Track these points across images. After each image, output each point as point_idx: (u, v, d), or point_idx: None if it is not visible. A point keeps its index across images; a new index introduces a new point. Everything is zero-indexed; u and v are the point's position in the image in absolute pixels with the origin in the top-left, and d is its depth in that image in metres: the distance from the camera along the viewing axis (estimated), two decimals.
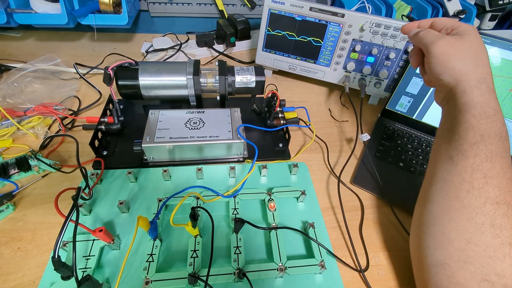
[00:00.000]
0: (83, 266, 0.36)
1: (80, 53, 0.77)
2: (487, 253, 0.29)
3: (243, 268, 0.36)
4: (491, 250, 0.29)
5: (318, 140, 0.58)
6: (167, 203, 0.42)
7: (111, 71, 0.49)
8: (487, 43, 0.51)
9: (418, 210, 0.37)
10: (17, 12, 0.66)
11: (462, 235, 0.30)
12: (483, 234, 0.29)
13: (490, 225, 0.29)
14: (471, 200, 0.30)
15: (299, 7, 0.61)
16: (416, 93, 0.59)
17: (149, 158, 0.48)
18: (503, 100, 0.52)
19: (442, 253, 0.32)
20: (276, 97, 0.55)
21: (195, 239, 0.39)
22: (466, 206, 0.31)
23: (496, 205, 0.30)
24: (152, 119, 0.49)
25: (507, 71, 0.51)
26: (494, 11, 0.83)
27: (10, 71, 0.63)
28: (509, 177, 0.31)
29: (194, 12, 0.86)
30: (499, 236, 0.29)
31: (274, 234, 0.40)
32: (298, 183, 0.48)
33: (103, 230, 0.35)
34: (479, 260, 0.29)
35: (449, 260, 0.31)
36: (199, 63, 0.55)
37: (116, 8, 0.70)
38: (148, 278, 0.35)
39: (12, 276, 0.36)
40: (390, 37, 0.59)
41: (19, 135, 0.52)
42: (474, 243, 0.30)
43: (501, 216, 0.29)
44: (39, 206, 0.43)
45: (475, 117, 0.32)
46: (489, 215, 0.30)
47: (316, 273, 0.38)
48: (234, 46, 0.81)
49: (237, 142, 0.47)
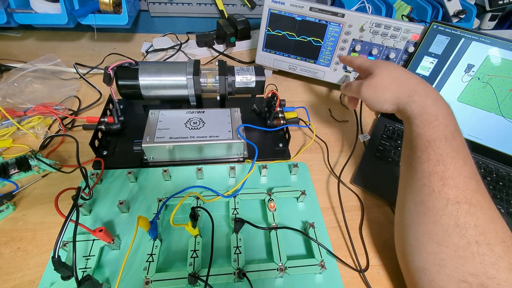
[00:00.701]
0: (83, 266, 0.36)
1: (80, 53, 0.77)
2: (458, 254, 0.30)
3: (243, 268, 0.36)
4: (460, 251, 0.30)
5: (318, 140, 0.58)
6: (167, 203, 0.42)
7: (111, 71, 0.49)
8: (487, 43, 0.51)
9: (397, 217, 0.38)
10: (17, 12, 0.66)
11: (433, 239, 0.31)
12: (450, 236, 0.30)
13: (455, 225, 0.30)
14: (434, 203, 0.32)
15: (299, 7, 0.61)
16: None
17: (149, 158, 0.48)
18: (503, 100, 0.52)
19: (420, 259, 0.33)
20: (276, 97, 0.55)
21: (195, 239, 0.39)
22: (430, 209, 0.32)
23: (457, 204, 0.31)
24: (152, 119, 0.49)
25: (507, 71, 0.51)
26: (494, 11, 0.83)
27: (10, 71, 0.63)
28: (465, 175, 0.32)
29: (194, 12, 0.86)
30: (465, 235, 0.30)
31: (274, 234, 0.40)
32: (298, 183, 0.48)
33: (103, 230, 0.35)
34: (452, 262, 0.30)
35: (427, 265, 0.32)
36: (199, 63, 0.55)
37: (116, 8, 0.70)
38: (148, 278, 0.35)
39: (12, 276, 0.36)
40: (390, 37, 0.59)
41: (19, 135, 0.52)
42: (444, 245, 0.31)
43: (463, 215, 0.30)
44: (39, 206, 0.43)
45: (419, 126, 0.35)
46: (452, 216, 0.30)
47: (316, 273, 0.38)
48: (234, 46, 0.81)
49: (237, 142, 0.47)
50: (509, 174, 0.54)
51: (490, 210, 0.31)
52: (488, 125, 0.54)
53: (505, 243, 0.29)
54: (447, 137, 0.33)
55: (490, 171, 0.54)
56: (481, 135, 0.55)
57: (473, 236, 0.29)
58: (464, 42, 0.53)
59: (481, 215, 0.30)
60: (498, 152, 0.54)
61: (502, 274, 0.28)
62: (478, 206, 0.31)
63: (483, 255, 0.29)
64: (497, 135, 0.54)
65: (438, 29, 0.54)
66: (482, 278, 0.28)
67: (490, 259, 0.29)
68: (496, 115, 0.53)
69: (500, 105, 0.52)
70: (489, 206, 0.31)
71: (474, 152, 0.56)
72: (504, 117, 0.53)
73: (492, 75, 0.52)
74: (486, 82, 0.52)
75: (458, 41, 0.53)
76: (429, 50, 0.56)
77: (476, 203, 0.31)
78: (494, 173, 0.53)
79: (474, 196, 0.31)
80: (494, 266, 0.28)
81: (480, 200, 0.31)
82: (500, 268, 0.28)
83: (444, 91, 0.56)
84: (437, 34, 0.54)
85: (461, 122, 0.55)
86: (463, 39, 0.53)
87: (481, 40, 0.51)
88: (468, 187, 0.31)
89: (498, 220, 0.31)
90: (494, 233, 0.30)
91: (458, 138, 0.33)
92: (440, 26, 0.54)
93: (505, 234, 0.30)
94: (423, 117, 0.35)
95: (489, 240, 0.29)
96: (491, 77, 0.52)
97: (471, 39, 0.52)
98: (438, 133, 0.33)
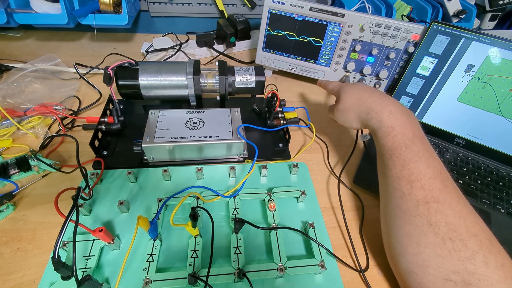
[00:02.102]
0: (83, 266, 0.36)
1: (80, 53, 0.77)
2: (436, 253, 0.31)
3: (243, 268, 0.36)
4: (438, 249, 0.31)
5: (318, 140, 0.58)
6: (167, 203, 0.42)
7: (111, 71, 0.49)
8: (487, 43, 0.51)
9: (381, 222, 0.39)
10: (17, 12, 0.66)
11: (412, 240, 0.33)
12: (426, 235, 0.32)
13: (428, 224, 0.32)
14: (407, 205, 0.34)
15: (299, 7, 0.61)
16: (416, 93, 0.59)
17: (149, 158, 0.48)
18: (503, 100, 0.52)
19: (405, 261, 0.33)
20: (276, 97, 0.55)
21: (195, 239, 0.39)
22: (405, 211, 0.34)
23: (427, 204, 0.32)
24: (152, 119, 0.49)
25: (507, 71, 0.51)
26: (494, 11, 0.83)
27: (10, 71, 0.63)
28: (429, 177, 0.34)
29: (194, 12, 0.86)
30: (439, 233, 0.31)
31: (274, 234, 0.40)
32: (298, 183, 0.48)
33: (103, 230, 0.35)
34: (434, 261, 0.31)
35: (412, 267, 0.32)
36: (199, 63, 0.55)
37: (116, 8, 0.70)
38: (148, 278, 0.35)
39: (12, 276, 0.36)
40: (390, 37, 0.59)
41: (19, 135, 0.52)
42: (422, 245, 0.32)
43: (434, 213, 0.32)
44: (39, 206, 0.43)
45: (381, 138, 0.38)
46: (424, 215, 0.32)
47: (316, 273, 0.38)
48: (234, 46, 0.81)
49: (237, 142, 0.47)
50: (509, 174, 0.54)
51: (458, 206, 0.32)
52: (488, 125, 0.54)
53: (477, 237, 0.30)
54: (407, 144, 0.36)
55: (490, 171, 0.54)
56: (481, 135, 0.55)
57: (446, 234, 0.31)
58: (464, 42, 0.53)
59: (450, 212, 0.32)
60: (498, 152, 0.54)
61: (480, 269, 0.29)
62: (446, 203, 0.32)
63: (459, 251, 0.30)
64: (497, 135, 0.54)
65: (438, 29, 0.54)
66: (463, 275, 0.29)
67: (466, 254, 0.29)
68: (496, 115, 0.53)
69: (500, 105, 0.52)
70: (457, 202, 0.32)
71: (474, 152, 0.56)
72: (504, 117, 0.53)
73: (492, 75, 0.52)
74: (486, 82, 0.52)
75: (458, 41, 0.53)
76: (429, 50, 0.56)
77: (444, 201, 0.32)
78: (494, 173, 0.53)
79: (441, 194, 0.33)
80: (471, 261, 0.29)
81: (447, 198, 0.32)
82: (477, 263, 0.29)
83: (444, 91, 0.56)
84: (437, 34, 0.54)
85: (461, 122, 0.56)
86: (463, 39, 0.53)
87: (481, 40, 0.51)
88: (433, 187, 0.33)
89: (468, 215, 0.32)
90: (465, 228, 0.31)
91: (417, 143, 0.36)
92: (440, 26, 0.54)
93: (476, 228, 0.31)
94: (382, 129, 0.38)
95: (461, 235, 0.30)
96: (491, 77, 0.52)
97: (471, 39, 0.52)
98: (398, 142, 0.36)
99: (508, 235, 0.45)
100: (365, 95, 0.43)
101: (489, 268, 0.29)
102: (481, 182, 0.52)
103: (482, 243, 0.30)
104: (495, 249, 0.30)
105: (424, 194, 0.33)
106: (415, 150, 0.35)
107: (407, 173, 0.34)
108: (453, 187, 0.34)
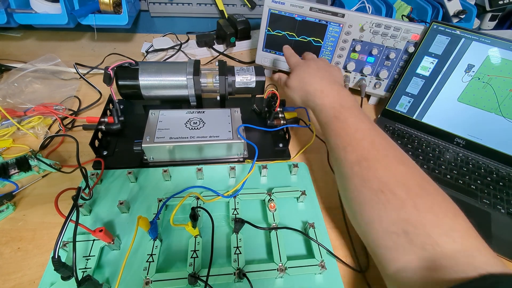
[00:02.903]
0: (83, 266, 0.36)
1: (80, 53, 0.77)
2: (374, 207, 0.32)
3: (243, 268, 0.36)
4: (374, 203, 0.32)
5: (318, 140, 0.58)
6: (167, 203, 0.42)
7: (111, 71, 0.49)
8: (487, 43, 0.51)
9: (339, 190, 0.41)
10: (17, 12, 0.66)
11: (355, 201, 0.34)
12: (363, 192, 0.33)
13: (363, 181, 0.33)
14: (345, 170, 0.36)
15: (299, 7, 0.61)
16: (416, 93, 0.59)
17: (149, 158, 0.48)
18: (503, 100, 0.52)
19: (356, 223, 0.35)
20: (276, 97, 0.55)
21: (195, 239, 0.39)
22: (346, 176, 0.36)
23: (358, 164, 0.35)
24: (152, 119, 0.49)
25: (507, 71, 0.51)
26: (494, 11, 0.83)
27: (10, 71, 0.63)
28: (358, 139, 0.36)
29: (194, 12, 0.86)
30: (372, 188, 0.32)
31: (274, 234, 0.40)
32: (298, 183, 0.48)
33: (103, 230, 0.35)
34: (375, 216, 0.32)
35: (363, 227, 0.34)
36: (199, 63, 0.55)
37: (116, 8, 0.70)
38: (148, 278, 0.35)
39: (12, 276, 0.36)
40: (390, 37, 0.59)
41: (19, 135, 0.52)
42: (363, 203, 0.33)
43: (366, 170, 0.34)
44: (39, 206, 0.43)
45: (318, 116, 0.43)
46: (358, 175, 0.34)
47: (316, 273, 0.38)
48: (234, 46, 0.81)
49: (237, 142, 0.47)
50: (509, 174, 0.54)
51: (386, 159, 0.34)
52: (488, 125, 0.54)
53: (405, 185, 0.31)
54: (336, 116, 0.40)
55: (490, 171, 0.54)
56: (481, 135, 0.55)
57: (378, 187, 0.32)
58: (464, 42, 0.53)
59: (378, 166, 0.33)
60: (498, 152, 0.54)
61: (412, 216, 0.30)
62: (374, 159, 0.34)
63: (391, 202, 0.31)
64: (497, 135, 0.54)
65: (438, 29, 0.54)
66: (401, 224, 0.30)
67: (397, 203, 0.30)
68: (496, 115, 0.53)
69: (500, 105, 0.52)
70: (384, 156, 0.34)
71: (474, 152, 0.56)
72: (504, 117, 0.53)
73: (492, 75, 0.52)
74: (486, 82, 0.52)
75: (458, 41, 0.53)
76: (429, 50, 0.56)
77: (372, 157, 0.34)
78: (494, 173, 0.53)
79: (369, 152, 0.35)
80: (403, 209, 0.30)
81: (375, 154, 0.35)
82: (408, 210, 0.30)
83: (444, 91, 0.56)
84: (437, 34, 0.54)
85: (461, 122, 0.56)
86: (463, 39, 0.53)
87: (481, 40, 0.51)
88: (362, 147, 0.36)
89: (397, 166, 0.33)
90: (393, 179, 0.32)
91: (345, 112, 0.40)
92: (440, 26, 0.54)
93: (405, 177, 0.32)
94: (317, 108, 0.43)
95: (390, 186, 0.31)
96: (491, 77, 0.52)
97: (471, 39, 0.52)
98: (330, 116, 0.40)
99: (508, 235, 0.45)
100: (306, 79, 0.46)
101: (419, 213, 0.29)
102: (481, 182, 0.52)
103: (410, 190, 0.31)
104: (425, 193, 0.31)
105: (356, 156, 0.35)
106: (343, 119, 0.39)
107: (340, 141, 0.37)
108: (383, 143, 0.36)
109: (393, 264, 0.30)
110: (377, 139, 0.36)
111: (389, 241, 0.30)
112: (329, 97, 0.42)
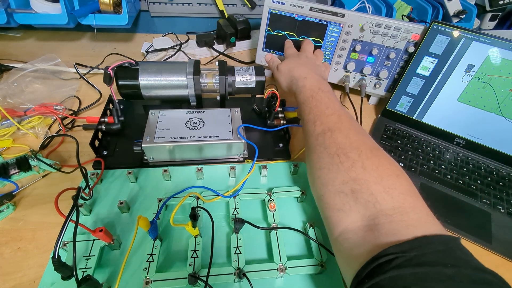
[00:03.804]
0: (83, 266, 0.36)
1: (80, 53, 0.77)
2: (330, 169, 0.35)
3: (243, 268, 0.36)
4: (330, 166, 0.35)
5: None
6: (167, 203, 0.42)
7: (111, 71, 0.49)
8: (487, 43, 0.51)
9: None
10: (17, 12, 0.66)
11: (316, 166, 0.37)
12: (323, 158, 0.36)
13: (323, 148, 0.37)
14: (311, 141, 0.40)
15: (299, 7, 0.61)
16: (416, 93, 0.59)
17: (149, 158, 0.48)
18: (503, 100, 0.52)
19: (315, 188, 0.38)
20: (276, 97, 0.55)
21: (195, 239, 0.39)
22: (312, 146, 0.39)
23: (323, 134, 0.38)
24: (152, 119, 0.49)
25: (507, 71, 0.51)
26: (494, 11, 0.83)
27: (10, 71, 0.63)
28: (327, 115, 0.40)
29: (194, 12, 0.86)
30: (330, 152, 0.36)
31: (274, 234, 0.40)
32: (298, 183, 0.48)
33: (103, 230, 0.35)
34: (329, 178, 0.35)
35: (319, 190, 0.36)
36: (199, 63, 0.55)
37: (116, 8, 0.70)
38: (148, 278, 0.35)
39: (12, 276, 0.36)
40: (390, 37, 0.59)
41: (19, 135, 0.52)
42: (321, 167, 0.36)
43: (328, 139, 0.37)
44: (39, 206, 0.43)
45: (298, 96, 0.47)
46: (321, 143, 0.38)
47: (316, 273, 0.38)
48: (234, 46, 0.81)
49: (237, 142, 0.47)
50: (509, 174, 0.54)
51: (347, 131, 0.37)
52: (488, 125, 0.54)
53: (358, 149, 0.35)
54: (313, 95, 0.44)
55: (490, 171, 0.54)
56: (481, 135, 0.55)
57: (335, 151, 0.35)
58: (464, 42, 0.53)
59: (339, 135, 0.37)
60: (498, 152, 0.54)
61: (360, 174, 0.32)
62: (337, 130, 0.38)
63: (343, 163, 0.34)
64: (497, 135, 0.54)
65: (438, 29, 0.54)
66: (350, 183, 0.33)
67: (348, 164, 0.34)
68: (496, 115, 0.53)
69: (500, 105, 0.52)
70: (348, 128, 0.38)
71: (474, 152, 0.56)
72: (504, 117, 0.53)
73: (492, 75, 0.52)
74: (486, 82, 0.52)
75: (458, 41, 0.53)
76: (429, 50, 0.56)
77: (336, 129, 0.38)
78: (494, 173, 0.53)
79: (335, 125, 0.38)
80: (353, 169, 0.33)
81: (339, 126, 0.38)
82: (357, 169, 0.33)
83: (444, 91, 0.56)
84: (437, 34, 0.54)
85: (461, 122, 0.56)
86: (463, 39, 0.53)
87: (481, 40, 0.51)
88: (329, 121, 0.39)
89: (355, 135, 0.37)
90: (349, 144, 0.35)
91: (321, 93, 0.44)
92: (441, 26, 0.54)
93: (360, 143, 0.36)
94: (298, 90, 0.48)
95: (345, 150, 0.35)
96: (491, 77, 0.52)
97: (471, 39, 0.52)
98: (308, 95, 0.45)
99: (508, 235, 0.45)
100: (295, 67, 0.52)
101: (366, 172, 0.32)
102: (481, 182, 0.52)
103: (361, 153, 0.34)
104: (374, 155, 0.34)
105: (322, 128, 0.39)
106: (318, 98, 0.43)
107: (312, 116, 0.41)
108: (348, 120, 0.40)
109: (339, 226, 0.33)
110: (344, 117, 0.40)
111: (339, 201, 0.33)
112: (310, 81, 0.47)
